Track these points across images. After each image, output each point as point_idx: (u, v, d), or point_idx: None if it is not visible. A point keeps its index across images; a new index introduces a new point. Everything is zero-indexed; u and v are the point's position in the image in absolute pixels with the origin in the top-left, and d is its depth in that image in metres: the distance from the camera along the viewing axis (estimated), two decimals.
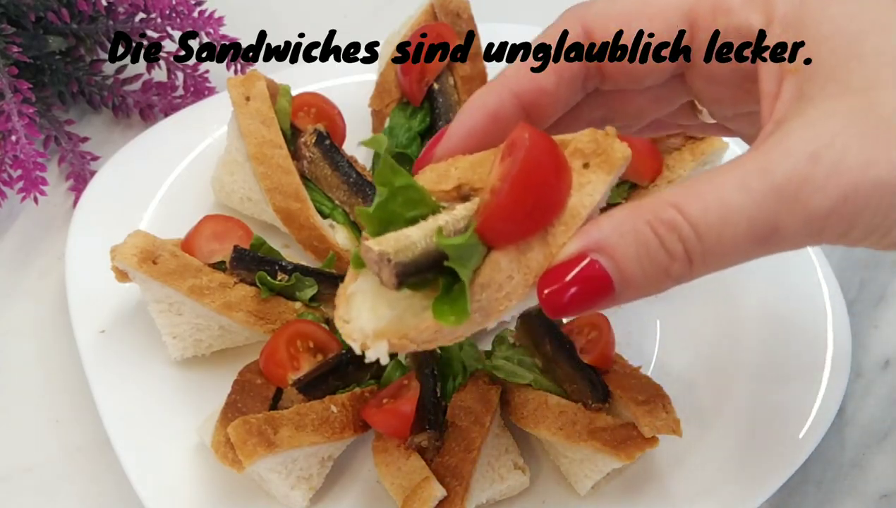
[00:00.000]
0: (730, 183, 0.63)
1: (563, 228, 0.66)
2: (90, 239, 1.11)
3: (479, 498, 0.95)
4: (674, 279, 0.65)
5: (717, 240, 0.63)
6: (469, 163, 0.70)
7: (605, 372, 0.99)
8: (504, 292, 0.65)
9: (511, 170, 0.63)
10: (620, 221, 0.64)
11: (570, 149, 0.68)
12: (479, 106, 0.74)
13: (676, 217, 0.63)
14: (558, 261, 0.65)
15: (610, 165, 0.68)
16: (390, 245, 0.63)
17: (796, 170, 0.61)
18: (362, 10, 1.49)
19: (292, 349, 0.99)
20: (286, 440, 0.91)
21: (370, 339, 0.65)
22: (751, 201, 0.62)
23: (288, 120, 1.14)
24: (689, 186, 0.64)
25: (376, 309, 0.66)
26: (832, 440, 1.07)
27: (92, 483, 1.02)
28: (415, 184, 0.67)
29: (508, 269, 0.65)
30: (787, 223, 0.62)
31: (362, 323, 0.66)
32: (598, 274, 0.64)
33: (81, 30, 1.27)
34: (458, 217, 0.66)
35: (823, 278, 1.12)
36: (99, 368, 1.03)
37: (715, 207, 0.62)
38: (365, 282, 0.67)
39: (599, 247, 0.64)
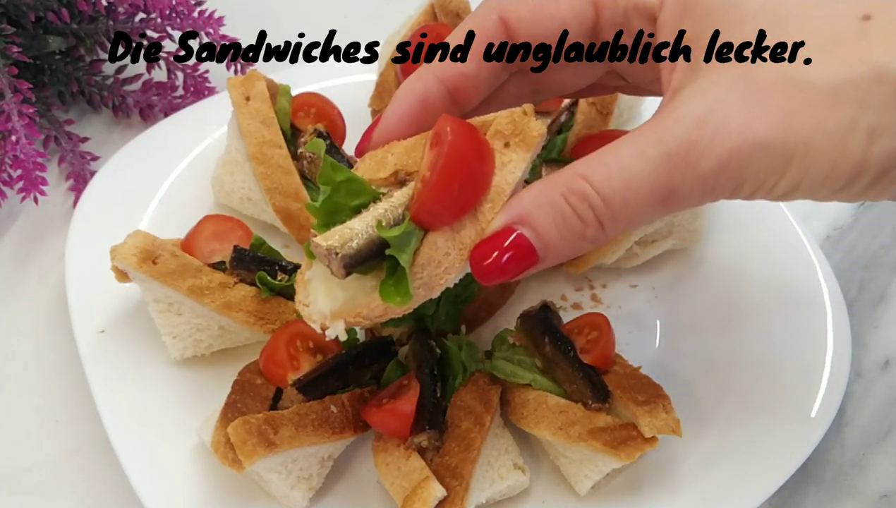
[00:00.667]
0: (630, 151, 0.70)
1: (490, 205, 0.74)
2: (90, 239, 1.11)
3: (479, 498, 0.95)
4: (589, 241, 0.73)
5: (622, 204, 0.70)
6: (403, 149, 0.78)
7: (605, 372, 0.99)
8: (443, 267, 0.73)
9: (437, 162, 0.71)
10: (538, 194, 0.73)
11: (491, 132, 0.76)
12: (409, 92, 0.81)
13: (584, 186, 0.71)
14: (487, 235, 0.73)
15: (528, 143, 0.75)
16: (336, 239, 0.71)
17: (685, 135, 0.68)
18: (362, 10, 1.49)
19: (292, 349, 0.99)
20: (286, 440, 0.91)
21: (328, 319, 0.74)
22: (648, 168, 0.69)
23: (288, 120, 1.14)
24: (596, 156, 0.72)
25: (331, 292, 0.74)
26: (832, 440, 1.07)
27: (92, 483, 1.02)
28: (354, 176, 0.75)
29: (445, 247, 0.73)
30: (681, 184, 0.69)
31: (320, 306, 0.74)
32: (523, 244, 0.72)
33: (81, 30, 1.27)
34: (395, 204, 0.74)
35: (823, 278, 1.12)
36: (99, 368, 1.03)
37: (617, 175, 0.70)
38: (319, 268, 0.75)
39: (521, 219, 0.72)
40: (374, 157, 0.79)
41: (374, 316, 0.74)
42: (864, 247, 1.24)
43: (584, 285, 1.16)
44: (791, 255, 1.15)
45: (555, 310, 1.03)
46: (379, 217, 0.72)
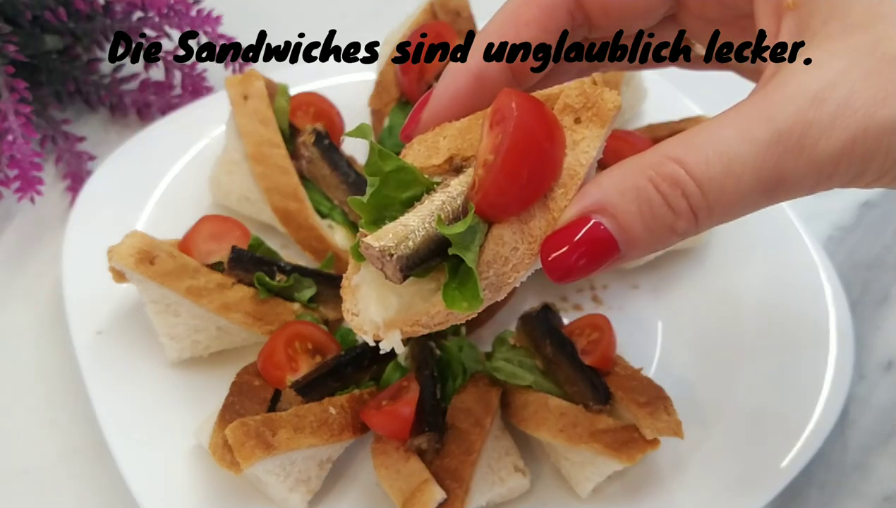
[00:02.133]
0: (731, 132, 0.61)
1: (562, 191, 0.64)
2: (87, 239, 1.10)
3: (479, 501, 0.95)
4: (679, 235, 0.64)
5: (721, 193, 0.61)
6: (457, 131, 0.69)
7: (606, 374, 0.98)
8: (511, 264, 0.64)
9: (502, 143, 0.62)
10: (620, 179, 0.63)
11: (559, 106, 0.67)
12: (463, 67, 0.72)
13: (678, 171, 0.61)
14: (560, 226, 0.64)
15: (602, 118, 0.66)
16: (389, 239, 0.62)
17: (800, 114, 0.60)
18: (362, 10, 1.48)
19: (291, 350, 0.98)
20: (284, 442, 0.91)
21: (382, 330, 0.65)
22: (754, 151, 0.60)
23: (286, 119, 1.14)
24: (690, 138, 0.62)
25: (383, 298, 0.66)
26: (835, 442, 1.07)
27: (88, 485, 1.02)
28: (405, 165, 0.66)
29: (512, 241, 0.64)
30: (792, 171, 0.61)
31: (371, 314, 0.66)
32: (602, 236, 0.63)
33: (78, 29, 1.27)
34: (453, 194, 0.65)
35: (826, 279, 1.12)
36: (95, 370, 1.02)
37: (717, 159, 0.60)
38: (369, 272, 0.67)
39: (601, 207, 0.63)
40: (423, 142, 0.70)
41: (435, 323, 0.66)
42: (867, 247, 1.24)
43: (585, 286, 1.16)
44: (793, 256, 1.14)
45: (555, 311, 1.03)
46: (436, 210, 0.64)
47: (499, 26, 0.71)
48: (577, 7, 0.71)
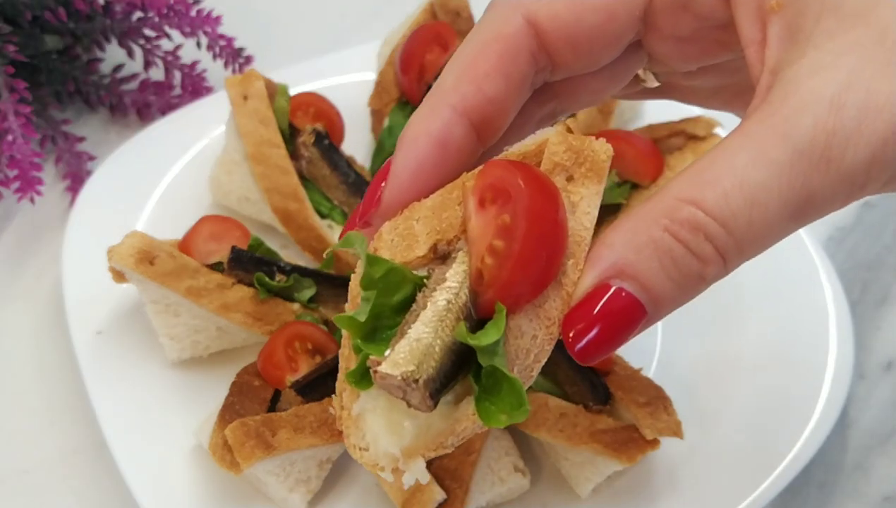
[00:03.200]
0: (745, 158, 0.55)
1: (572, 261, 0.57)
2: (87, 239, 1.10)
3: (479, 501, 0.95)
4: (709, 282, 0.58)
5: (748, 227, 0.55)
6: (430, 211, 0.61)
7: (606, 374, 0.98)
8: (533, 355, 0.57)
9: (516, 227, 0.55)
10: (633, 234, 0.56)
11: (548, 166, 0.60)
12: (423, 134, 0.63)
13: (696, 214, 0.55)
14: (577, 301, 0.56)
15: (597, 172, 0.59)
16: (408, 361, 0.54)
17: (819, 124, 0.54)
18: (362, 10, 1.48)
19: (290, 350, 0.98)
20: (284, 442, 0.91)
21: (402, 461, 0.57)
22: (776, 174, 0.54)
23: (286, 119, 1.14)
24: (699, 174, 0.56)
25: (394, 425, 0.58)
26: (835, 442, 1.06)
27: (88, 485, 1.02)
28: (394, 266, 0.58)
29: (531, 330, 0.57)
30: (821, 188, 0.55)
31: (385, 447, 0.58)
32: (626, 303, 0.56)
33: (78, 29, 1.26)
34: (455, 291, 0.57)
35: (826, 279, 1.12)
36: (95, 370, 1.02)
37: (736, 191, 0.54)
38: (371, 399, 0.58)
39: (618, 271, 0.56)
40: (394, 230, 0.61)
41: (459, 440, 0.58)
42: (866, 248, 1.24)
43: None
44: (793, 256, 1.14)
45: None
46: (443, 313, 0.56)
47: (455, 82, 0.63)
48: (539, 49, 0.64)
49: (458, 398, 0.57)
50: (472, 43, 0.64)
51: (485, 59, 0.63)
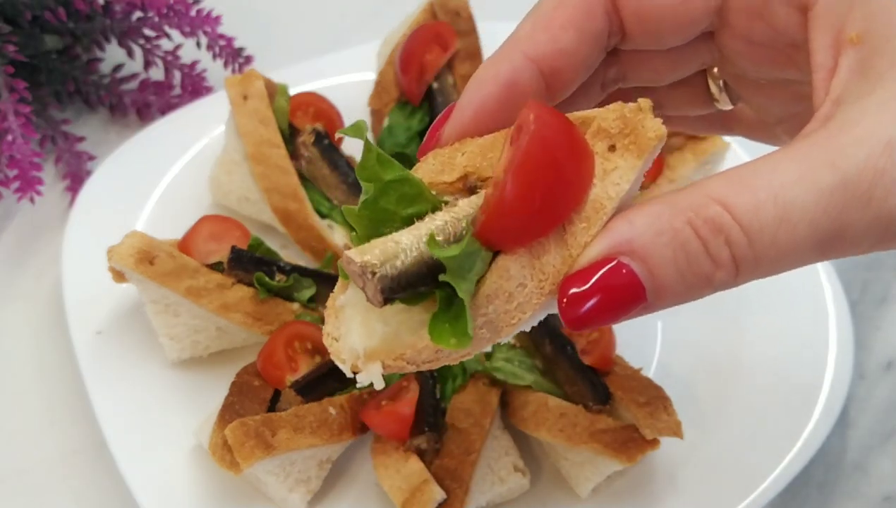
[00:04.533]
0: (788, 175, 0.53)
1: (584, 225, 0.56)
2: (87, 239, 1.10)
3: (479, 501, 0.95)
4: (715, 288, 0.56)
5: (772, 244, 0.54)
6: (478, 148, 0.60)
7: (606, 374, 0.98)
8: (515, 303, 0.56)
9: (514, 159, 0.54)
10: (655, 217, 0.54)
11: (593, 130, 0.58)
12: (492, 75, 0.63)
13: (723, 215, 0.53)
14: (580, 266, 0.55)
15: (640, 147, 0.57)
16: (375, 254, 0.55)
17: (871, 161, 0.53)
18: (362, 10, 1.48)
19: (290, 350, 0.98)
20: (284, 442, 0.91)
21: (361, 360, 0.57)
22: (814, 197, 0.53)
23: (286, 119, 1.14)
24: (738, 177, 0.55)
25: (368, 324, 0.58)
26: (834, 442, 1.06)
27: (88, 485, 1.02)
28: (409, 176, 0.58)
29: (520, 276, 0.56)
30: (855, 224, 0.54)
31: (352, 342, 0.58)
32: (628, 281, 0.54)
33: (78, 28, 1.26)
34: (458, 216, 0.57)
35: (826, 279, 1.12)
36: (95, 370, 1.02)
37: (770, 205, 0.53)
38: (355, 294, 0.59)
39: (630, 248, 0.54)
40: (438, 156, 0.61)
41: (422, 360, 0.57)
42: None
43: None
44: None
45: (555, 312, 1.02)
46: (434, 230, 0.56)
47: (531, 30, 0.64)
48: (613, 10, 0.64)
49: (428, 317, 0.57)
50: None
51: (562, 11, 0.63)
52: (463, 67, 1.18)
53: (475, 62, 1.19)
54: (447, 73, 1.18)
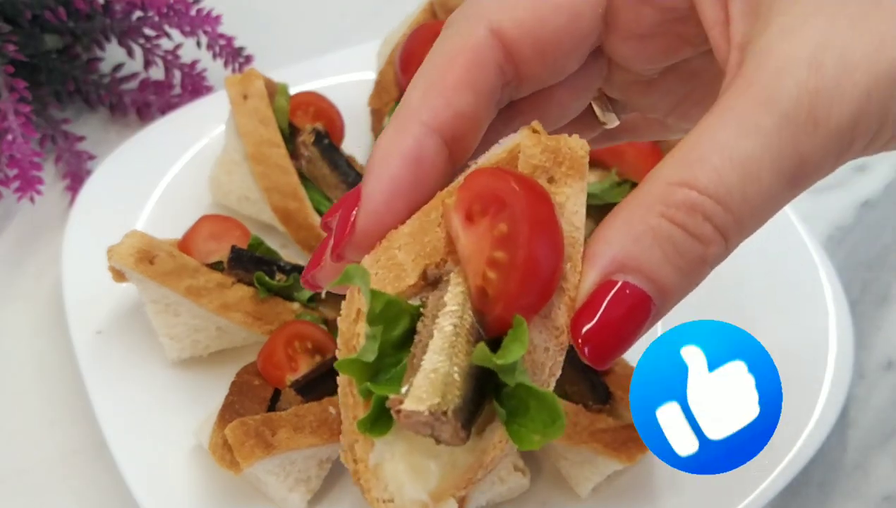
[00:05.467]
0: (730, 132, 0.53)
1: (570, 265, 0.54)
2: (86, 239, 1.10)
3: (479, 500, 0.95)
4: (711, 264, 0.56)
5: (744, 201, 0.54)
6: (409, 237, 0.57)
7: (606, 374, 0.98)
8: (547, 369, 0.54)
9: (520, 233, 0.52)
10: (628, 226, 0.54)
11: (527, 170, 0.57)
12: (394, 153, 0.59)
13: (690, 194, 0.53)
14: (581, 303, 0.54)
15: (579, 170, 0.57)
16: (431, 394, 0.50)
17: (801, 85, 0.53)
18: (362, 10, 1.48)
19: (290, 350, 0.98)
20: (284, 441, 0.91)
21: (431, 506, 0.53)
22: (764, 142, 0.53)
23: (286, 119, 1.14)
24: (685, 155, 0.54)
25: (418, 469, 0.54)
26: (834, 442, 1.06)
27: (88, 485, 1.02)
28: (392, 299, 0.54)
29: (542, 343, 0.54)
30: (812, 150, 0.54)
31: (411, 494, 0.53)
32: (633, 297, 0.54)
33: (78, 28, 1.26)
34: (457, 313, 0.54)
35: (826, 279, 1.11)
36: (95, 369, 1.02)
37: (727, 166, 0.53)
38: (388, 446, 0.54)
39: (619, 265, 0.54)
40: (377, 263, 0.57)
41: (489, 471, 0.54)
42: (866, 247, 1.24)
43: None
44: (793, 256, 1.14)
45: None
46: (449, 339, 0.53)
47: (423, 98, 0.60)
48: (506, 59, 0.62)
49: (479, 428, 0.54)
50: (437, 57, 0.61)
51: (452, 72, 0.60)
52: None
53: None
54: None
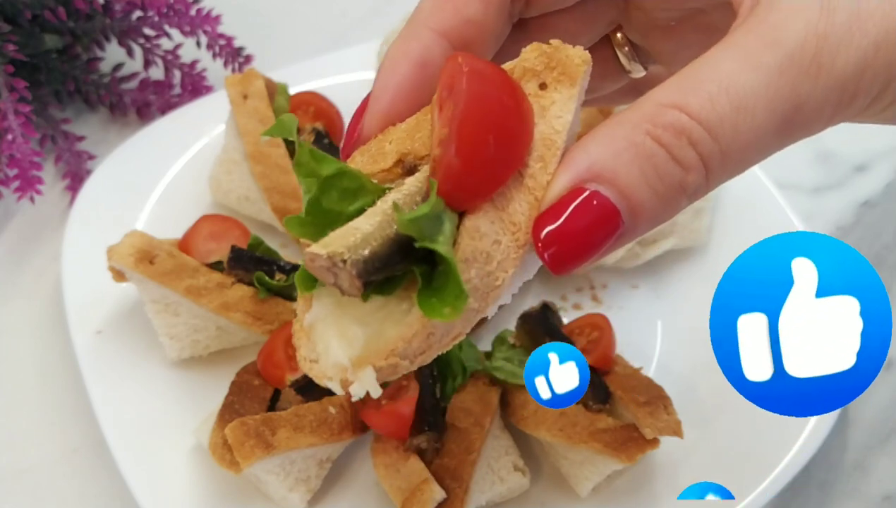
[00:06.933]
0: (732, 64, 0.53)
1: (540, 165, 0.54)
2: (86, 238, 1.10)
3: (479, 500, 0.95)
4: (689, 195, 0.54)
5: (734, 133, 0.52)
6: (404, 132, 0.58)
7: (606, 373, 0.98)
8: (495, 262, 0.53)
9: (457, 108, 0.52)
10: (610, 139, 0.53)
11: (518, 73, 0.57)
12: (402, 56, 0.61)
13: (680, 117, 0.52)
14: (548, 203, 0.53)
15: (570, 76, 0.56)
16: (339, 243, 0.51)
17: (810, 27, 0.52)
18: (361, 9, 1.48)
19: (290, 350, 0.98)
20: (284, 441, 0.91)
21: (350, 372, 0.53)
22: (765, 79, 0.52)
23: None
24: (683, 79, 0.54)
25: (345, 332, 0.54)
26: (835, 441, 1.06)
27: (88, 484, 1.02)
28: (346, 168, 0.55)
29: (492, 233, 0.53)
30: (810, 95, 0.53)
31: (334, 356, 0.54)
32: (601, 207, 0.52)
33: (78, 28, 1.26)
34: (410, 191, 0.54)
35: None
36: (95, 369, 1.02)
37: (723, 96, 0.52)
38: (322, 306, 0.55)
39: (594, 174, 0.52)
40: (366, 152, 0.59)
41: (414, 351, 0.53)
42: (867, 247, 1.24)
43: (585, 285, 1.16)
44: None
45: (555, 311, 1.02)
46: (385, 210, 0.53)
47: (433, 6, 0.63)
48: None
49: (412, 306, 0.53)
50: None
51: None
52: None
53: None
54: None
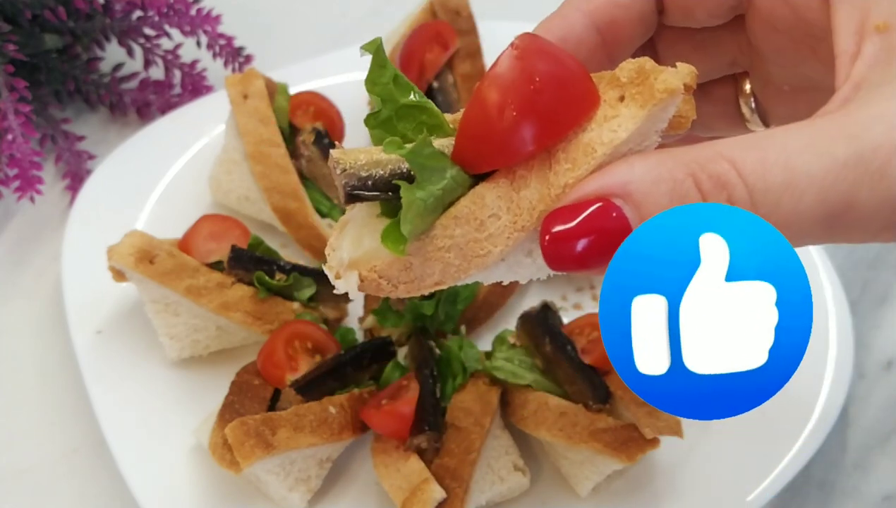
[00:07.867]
0: (802, 144, 0.52)
1: (568, 166, 0.54)
2: (87, 238, 1.10)
3: (479, 500, 0.95)
4: None
5: (775, 207, 0.51)
6: None
7: (606, 373, 0.98)
8: (486, 233, 0.55)
9: (486, 74, 0.53)
10: (657, 165, 0.52)
11: (608, 78, 0.57)
12: (544, 32, 0.62)
13: (730, 172, 0.51)
14: (569, 201, 0.53)
15: (645, 98, 0.54)
16: (352, 157, 0.56)
17: (888, 136, 0.51)
18: (361, 9, 1.48)
19: (290, 349, 0.98)
20: (284, 441, 0.91)
21: (343, 268, 0.58)
22: (826, 168, 0.51)
23: (286, 118, 1.14)
24: (750, 140, 0.52)
25: (360, 238, 0.59)
26: (834, 441, 1.06)
27: (88, 484, 1.02)
28: (427, 105, 0.57)
29: (494, 207, 0.55)
30: (866, 201, 0.52)
31: (342, 253, 0.59)
32: (617, 224, 0.52)
33: (78, 28, 1.26)
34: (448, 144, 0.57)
35: (826, 278, 1.11)
36: (95, 369, 1.02)
37: (779, 168, 0.51)
38: (358, 210, 0.60)
39: (626, 191, 0.52)
40: None
41: (394, 277, 0.57)
42: (867, 247, 1.24)
43: (585, 285, 1.16)
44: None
45: (555, 311, 1.02)
46: None
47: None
48: None
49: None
50: None
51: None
52: (463, 66, 1.18)
53: (475, 61, 1.19)
54: (447, 72, 1.18)
